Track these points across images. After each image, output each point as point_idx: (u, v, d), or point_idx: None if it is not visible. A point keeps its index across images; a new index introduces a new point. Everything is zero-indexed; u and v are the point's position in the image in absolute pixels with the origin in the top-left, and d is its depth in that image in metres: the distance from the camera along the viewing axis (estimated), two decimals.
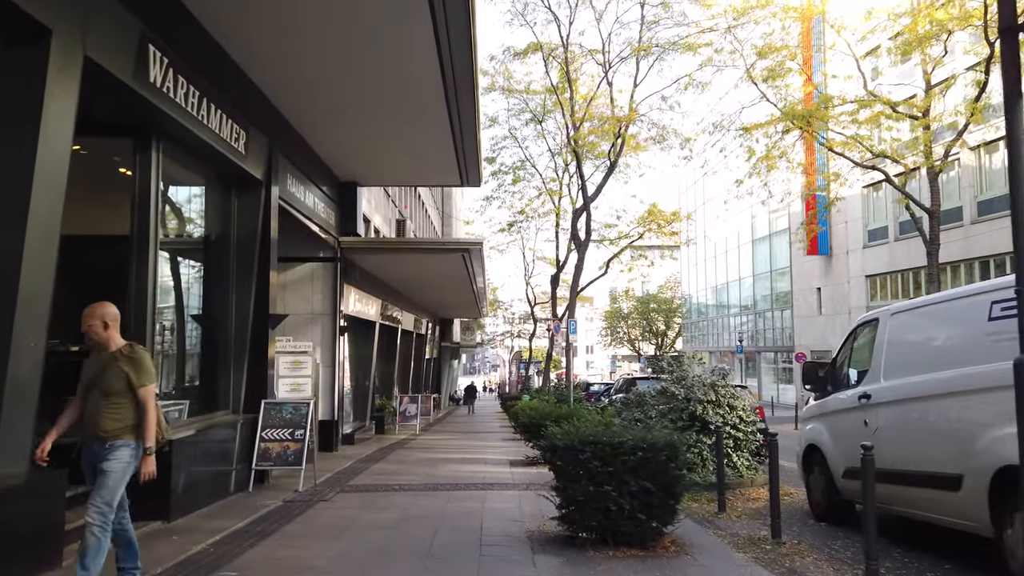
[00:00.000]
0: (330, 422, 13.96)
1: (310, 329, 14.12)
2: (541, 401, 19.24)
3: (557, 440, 6.08)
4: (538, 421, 11.94)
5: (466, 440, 18.10)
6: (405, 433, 20.17)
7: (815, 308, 36.43)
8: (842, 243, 33.93)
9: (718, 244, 49.55)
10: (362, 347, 18.87)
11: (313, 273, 14.20)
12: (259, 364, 9.60)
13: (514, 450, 14.65)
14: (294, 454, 9.05)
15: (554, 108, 32.44)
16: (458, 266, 15.91)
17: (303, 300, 14.13)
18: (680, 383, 9.15)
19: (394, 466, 11.95)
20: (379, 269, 16.73)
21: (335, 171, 13.90)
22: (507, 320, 71.48)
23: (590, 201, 21.74)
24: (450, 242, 14.86)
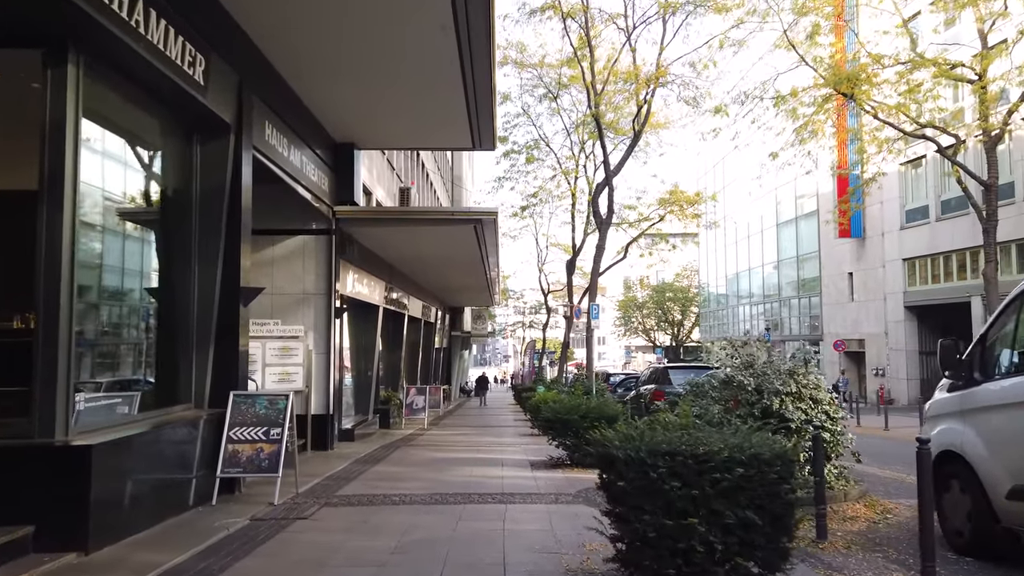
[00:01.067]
0: (325, 416, 12.26)
1: (301, 311, 12.41)
2: (560, 392, 17.50)
3: (615, 449, 4.29)
4: (564, 416, 10.19)
5: (479, 436, 16.38)
6: (412, 427, 18.47)
7: (846, 294, 34.45)
8: (877, 225, 31.91)
9: (739, 229, 47.54)
10: (364, 333, 17.17)
11: (304, 248, 12.47)
12: (228, 348, 7.88)
13: (534, 449, 12.91)
14: (268, 458, 7.32)
15: (570, 83, 30.76)
16: (469, 241, 14.14)
17: (293, 278, 12.42)
18: (749, 370, 7.37)
19: (396, 469, 10.24)
20: (381, 246, 14.99)
21: (329, 130, 12.15)
22: (519, 311, 69.87)
23: (612, 175, 19.93)
24: (460, 212, 13.11)
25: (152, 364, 7.71)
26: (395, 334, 21.62)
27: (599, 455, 4.51)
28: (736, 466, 3.93)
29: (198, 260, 7.76)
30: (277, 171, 9.55)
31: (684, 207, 31.59)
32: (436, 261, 17.74)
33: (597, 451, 4.59)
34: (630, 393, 19.65)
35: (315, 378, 12.31)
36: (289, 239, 12.44)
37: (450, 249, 15.49)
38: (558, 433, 10.34)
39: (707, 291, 58.09)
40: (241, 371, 8.03)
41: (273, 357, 11.97)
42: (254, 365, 11.74)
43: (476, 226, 12.75)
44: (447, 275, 21.48)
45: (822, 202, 36.28)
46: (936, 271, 28.82)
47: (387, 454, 12.06)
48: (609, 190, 19.72)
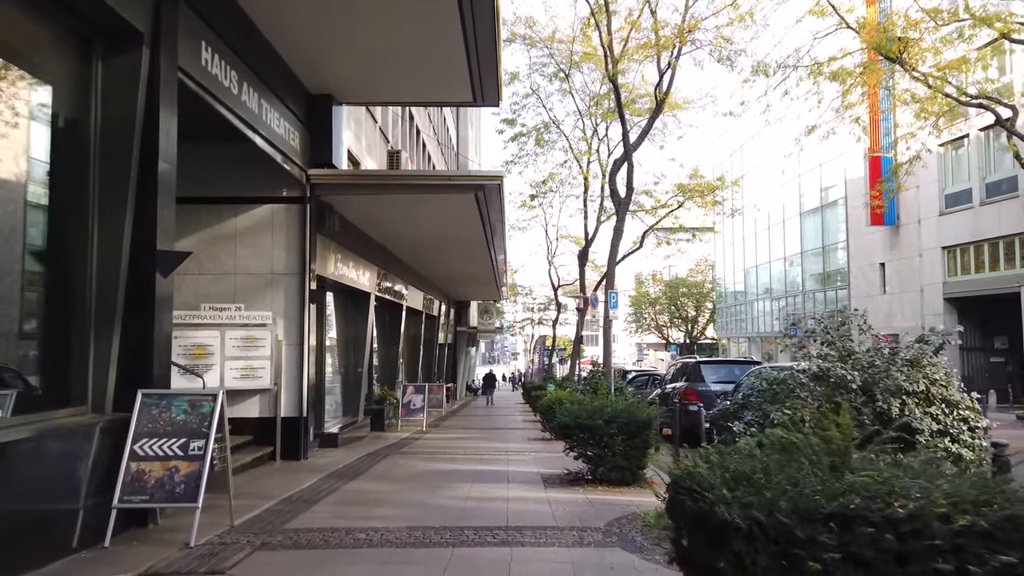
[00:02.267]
0: (297, 420, 10.29)
1: (269, 294, 10.43)
2: (575, 391, 15.48)
3: (723, 505, 2.22)
4: (585, 421, 8.17)
5: (483, 441, 14.37)
6: (409, 430, 16.50)
7: (877, 286, 32.24)
8: (912, 211, 29.70)
9: (758, 220, 45.30)
10: (353, 324, 15.20)
11: (273, 219, 10.50)
12: (139, 332, 5.90)
13: (546, 458, 10.90)
14: (185, 481, 5.34)
15: (583, 61, 28.74)
16: (470, 216, 12.14)
17: (259, 255, 10.44)
18: (849, 361, 5.36)
19: (375, 486, 8.24)
20: (369, 222, 12.99)
21: (301, 77, 10.17)
22: (527, 308, 67.94)
23: (632, 149, 17.86)
24: (459, 176, 11.01)
25: (33, 353, 5.75)
26: (391, 327, 19.66)
27: (688, 513, 2.47)
28: (987, 542, 1.88)
29: (98, 215, 5.79)
30: (222, 110, 7.55)
31: (704, 194, 29.58)
32: (434, 243, 15.74)
33: (677, 499, 2.57)
34: (652, 392, 17.61)
35: (286, 374, 10.34)
36: (254, 209, 10.46)
37: (449, 226, 13.49)
38: (578, 442, 8.32)
39: (723, 286, 55.86)
40: (159, 362, 6.04)
41: (235, 349, 10.02)
42: (210, 359, 9.81)
43: (478, 193, 10.73)
44: (448, 262, 19.48)
45: (851, 188, 34.08)
46: (980, 259, 26.62)
47: (370, 465, 10.07)
48: (628, 166, 17.70)
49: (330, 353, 14.07)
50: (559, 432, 8.80)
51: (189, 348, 9.76)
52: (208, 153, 10.12)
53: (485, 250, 16.57)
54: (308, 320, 10.50)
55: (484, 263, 19.57)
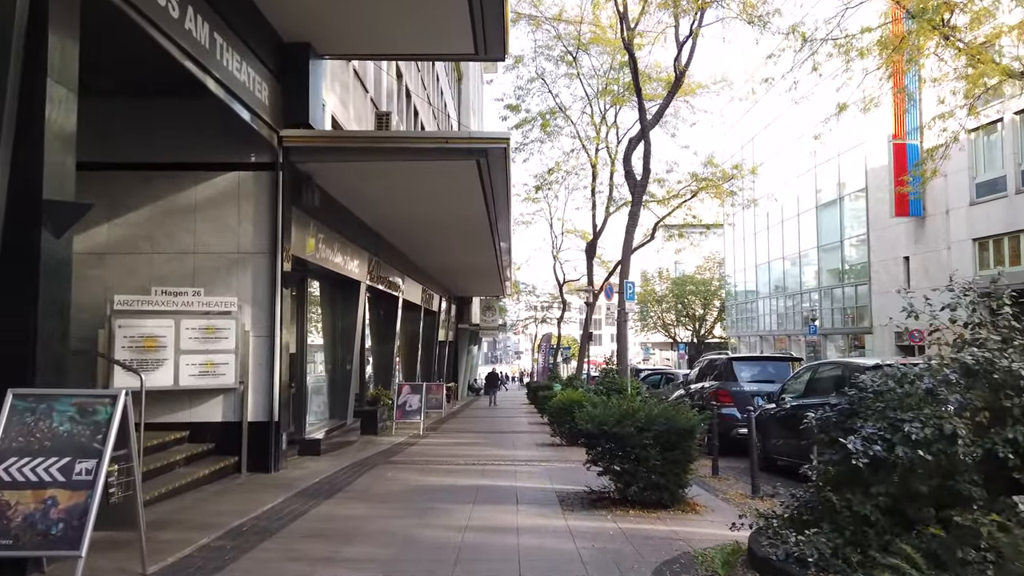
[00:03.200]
0: (266, 425, 8.72)
1: (234, 277, 8.87)
2: (586, 392, 13.92)
3: None
4: (615, 430, 6.58)
5: (486, 447, 12.80)
6: (404, 434, 14.96)
7: (901, 281, 30.56)
8: (939, 201, 28.04)
9: (771, 215, 43.64)
10: (341, 316, 13.64)
11: (240, 189, 8.93)
12: (17, 308, 4.34)
13: (560, 469, 9.33)
14: (65, 519, 3.77)
15: (591, 43, 27.20)
16: (470, 190, 10.56)
17: (223, 231, 8.88)
18: (1014, 346, 3.76)
19: (353, 509, 6.67)
20: (355, 198, 11.39)
21: (271, 20, 8.61)
22: (530, 306, 66.49)
23: (650, 127, 16.28)
24: (457, 137, 9.25)
25: None
26: (386, 321, 18.09)
27: None
28: None
29: None
30: (152, 32, 5.96)
31: (719, 184, 28.01)
32: (431, 228, 14.15)
33: None
34: (673, 392, 16.01)
35: (254, 371, 8.78)
36: (217, 177, 8.89)
37: (447, 204, 11.90)
38: (604, 454, 6.73)
39: (733, 283, 54.21)
40: (47, 350, 4.46)
41: (192, 341, 8.45)
42: (161, 352, 8.24)
43: (480, 160, 9.15)
44: (448, 250, 17.90)
45: (871, 179, 32.44)
46: (1015, 251, 24.96)
47: (353, 479, 8.50)
48: (645, 145, 16.12)
49: (313, 347, 12.52)
50: (581, 441, 7.20)
51: (136, 339, 8.19)
52: (161, 111, 8.63)
53: (488, 236, 14.99)
54: (281, 307, 8.92)
55: (487, 252, 17.99)
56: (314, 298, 12.50)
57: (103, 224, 8.76)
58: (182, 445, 8.47)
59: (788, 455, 8.72)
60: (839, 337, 36.40)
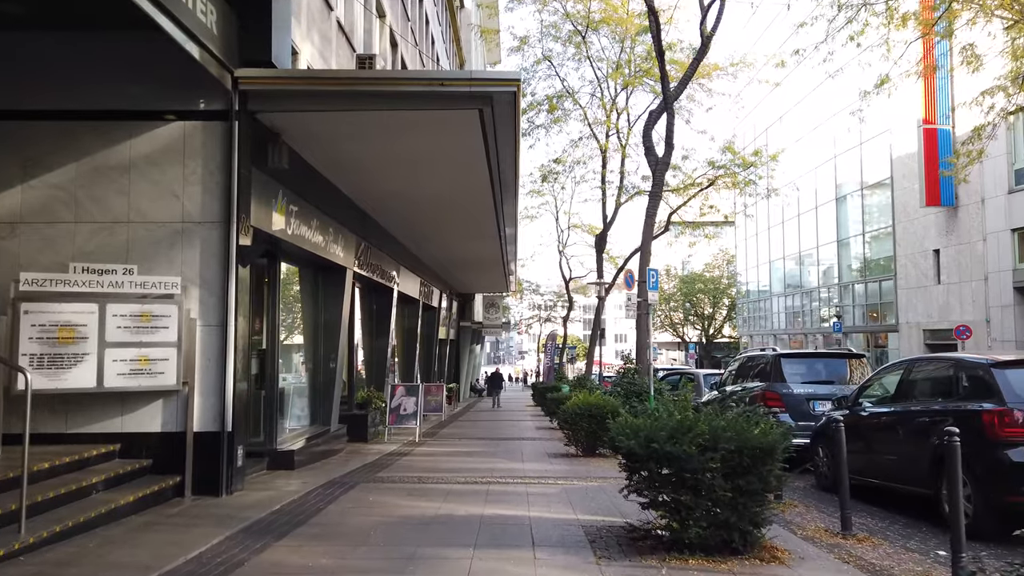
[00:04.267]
0: (216, 436, 6.99)
1: (177, 252, 7.15)
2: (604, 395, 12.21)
3: None
4: (668, 449, 4.82)
5: (490, 458, 11.06)
6: (397, 441, 13.27)
7: (930, 275, 28.79)
8: (973, 190, 26.22)
9: (787, 208, 41.85)
10: (323, 306, 11.90)
11: (185, 143, 7.20)
12: None
13: (581, 490, 7.59)
14: None
15: (601, 24, 25.48)
16: (472, 153, 8.81)
17: (163, 196, 7.16)
18: None
19: (309, 559, 4.91)
20: (337, 165, 9.61)
21: None
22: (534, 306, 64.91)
23: (673, 97, 14.54)
24: (454, 79, 7.38)
25: None
26: (380, 315, 16.37)
27: None
28: None
29: None
30: None
31: (737, 173, 26.30)
32: (427, 204, 12.37)
33: None
34: (702, 394, 14.27)
35: (201, 369, 7.05)
36: (157, 128, 7.17)
37: (444, 172, 10.12)
38: (652, 481, 4.98)
39: (745, 280, 52.38)
40: None
41: (122, 331, 6.74)
42: (81, 346, 6.54)
43: (483, 111, 7.40)
44: (448, 236, 16.16)
45: (898, 167, 30.65)
46: None
47: (323, 505, 6.75)
48: (668, 117, 14.37)
49: (288, 342, 10.80)
50: (622, 463, 5.41)
51: (49, 329, 6.47)
52: (86, 46, 6.91)
53: (492, 218, 13.25)
54: (236, 290, 7.19)
55: (490, 241, 16.26)
56: (289, 284, 10.78)
57: (15, 187, 7.06)
58: (109, 462, 6.75)
59: (872, 474, 7.00)
60: (859, 336, 34.59)
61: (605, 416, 10.59)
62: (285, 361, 10.59)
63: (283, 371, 10.45)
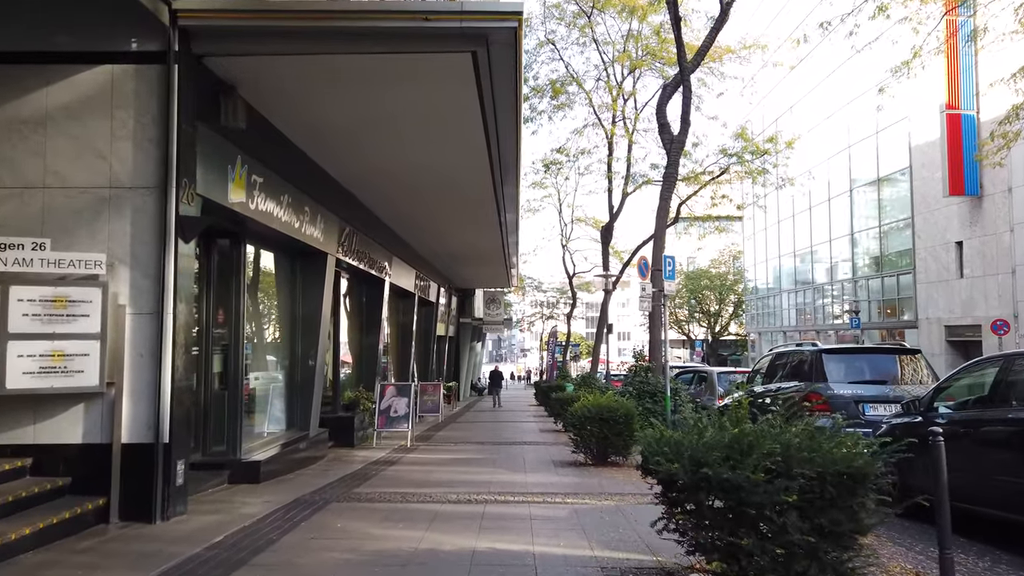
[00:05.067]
0: (149, 448, 5.72)
1: (104, 224, 5.87)
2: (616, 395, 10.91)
3: None
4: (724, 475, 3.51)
5: (488, 468, 9.78)
6: (387, 447, 12.01)
7: (952, 269, 27.44)
8: (999, 178, 24.87)
9: (797, 201, 40.48)
10: (302, 296, 10.62)
11: (113, 92, 5.92)
12: None
13: (595, 510, 6.30)
14: None
15: (606, 6, 24.17)
16: (465, 113, 7.54)
17: (85, 154, 5.88)
18: None
19: None
20: (306, 126, 8.30)
21: None
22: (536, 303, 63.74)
23: (690, 70, 13.23)
24: (441, 11, 6.21)
25: None
26: (369, 309, 15.10)
27: None
28: None
29: None
30: None
31: (749, 163, 24.99)
32: (417, 181, 11.06)
33: None
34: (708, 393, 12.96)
35: (132, 367, 5.78)
36: (77, 74, 5.88)
37: (434, 137, 8.80)
38: (700, 515, 3.68)
39: (753, 276, 51.02)
40: None
41: (30, 320, 5.46)
42: None
43: (477, 53, 6.12)
44: (443, 222, 14.86)
45: (917, 156, 29.28)
46: None
47: (278, 535, 5.46)
48: (684, 91, 13.08)
49: (256, 336, 9.53)
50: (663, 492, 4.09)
51: None
52: None
53: (491, 197, 11.96)
54: (177, 271, 5.90)
55: (490, 227, 14.98)
56: (259, 270, 9.50)
57: None
58: (16, 481, 5.49)
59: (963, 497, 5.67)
60: (875, 332, 33.23)
61: (619, 420, 9.32)
62: (254, 358, 9.32)
63: (252, 369, 9.19)
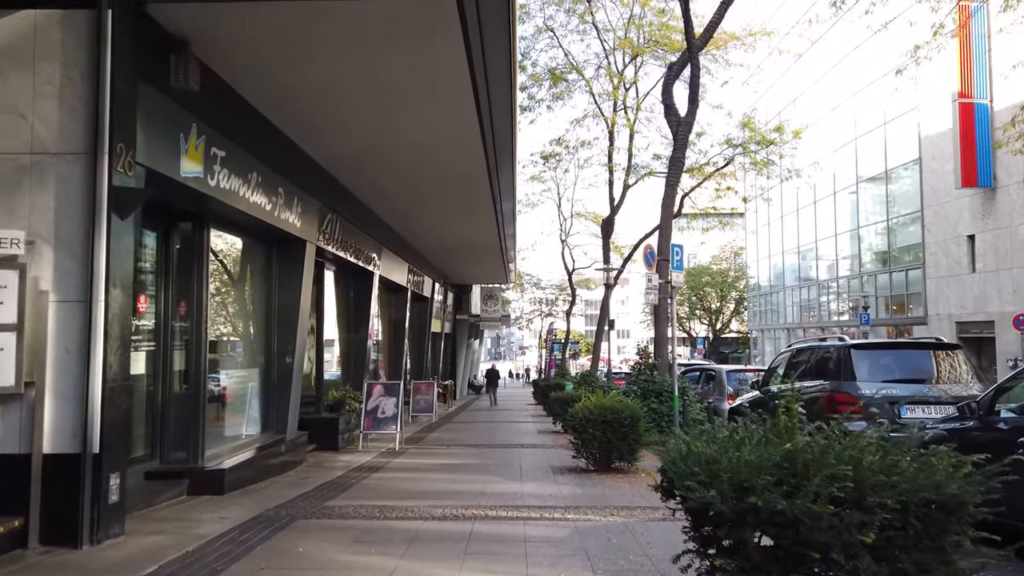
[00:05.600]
0: (75, 460, 4.85)
1: (23, 196, 5.00)
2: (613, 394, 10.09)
3: None
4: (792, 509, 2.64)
5: (480, 475, 8.94)
6: (374, 450, 11.19)
7: (964, 264, 26.59)
8: (1016, 168, 24.01)
9: (801, 195, 39.60)
10: (279, 287, 9.76)
11: (36, 41, 5.05)
12: None
13: (600, 528, 5.45)
14: None
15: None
16: (453, 78, 6.68)
17: (1, 115, 5.02)
18: None
19: None
20: (279, 97, 7.44)
21: None
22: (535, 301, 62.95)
23: (698, 47, 12.36)
24: None
25: None
26: (358, 303, 14.25)
27: None
28: None
29: None
30: None
31: (754, 153, 24.17)
32: (403, 158, 10.18)
33: None
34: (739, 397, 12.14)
35: (55, 365, 4.91)
36: None
37: (420, 108, 7.94)
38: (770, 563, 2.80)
39: (756, 272, 50.17)
40: None
41: None
42: None
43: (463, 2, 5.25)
44: (435, 208, 13.99)
45: (927, 147, 28.42)
46: None
47: (223, 565, 4.59)
48: (693, 69, 12.21)
49: (224, 330, 8.67)
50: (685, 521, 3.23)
51: None
52: None
53: (485, 183, 11.11)
54: (110, 251, 5.04)
55: (486, 216, 14.14)
56: (226, 257, 8.64)
57: None
58: None
59: None
60: (882, 329, 32.39)
61: (624, 422, 8.47)
62: (223, 354, 8.46)
63: (221, 367, 8.34)
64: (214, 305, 8.01)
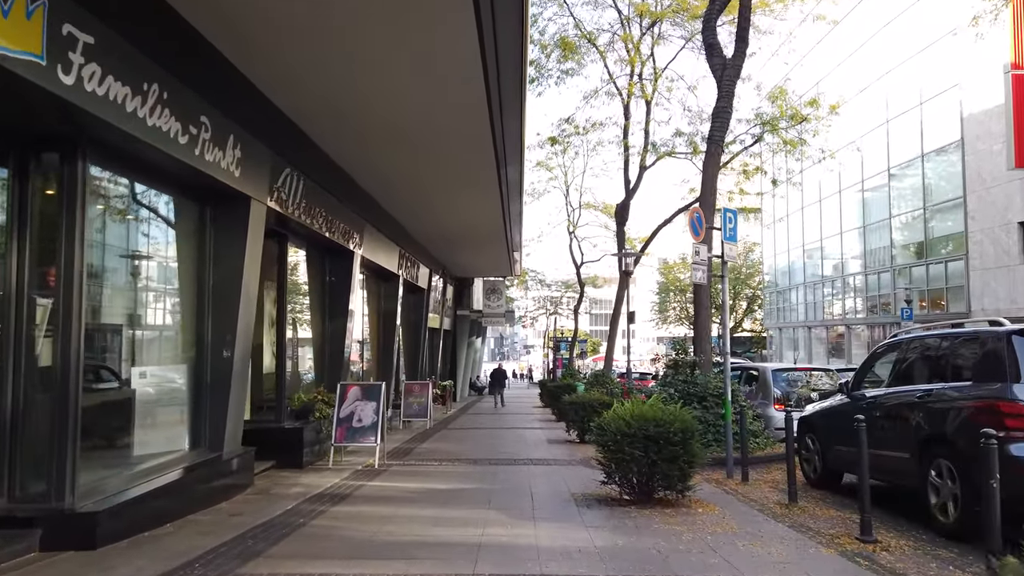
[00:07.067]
0: None
1: None
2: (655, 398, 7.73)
3: None
4: None
5: (479, 509, 6.62)
6: (347, 468, 8.94)
7: (1014, 253, 24.19)
8: None
9: (824, 186, 37.23)
10: (212, 260, 7.41)
11: None
12: None
13: None
14: None
15: None
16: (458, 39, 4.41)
17: None
18: None
19: None
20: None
21: None
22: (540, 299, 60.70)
23: None
24: None
25: None
26: (334, 288, 11.93)
27: None
28: None
29: None
30: None
31: (784, 128, 21.87)
32: (383, 106, 7.86)
33: None
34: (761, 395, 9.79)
35: None
36: None
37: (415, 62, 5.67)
38: None
39: (773, 267, 47.75)
40: None
41: None
42: None
43: None
44: (432, 189, 11.66)
45: (970, 127, 26.01)
46: None
47: None
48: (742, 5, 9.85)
49: (118, 311, 6.34)
50: None
51: None
52: None
53: (488, 137, 8.77)
54: None
55: (488, 188, 11.80)
56: (115, 203, 6.30)
57: None
58: None
59: None
60: (916, 327, 29.96)
61: (673, 438, 6.12)
62: (117, 344, 6.15)
63: (112, 360, 6.03)
64: (99, 275, 5.70)
